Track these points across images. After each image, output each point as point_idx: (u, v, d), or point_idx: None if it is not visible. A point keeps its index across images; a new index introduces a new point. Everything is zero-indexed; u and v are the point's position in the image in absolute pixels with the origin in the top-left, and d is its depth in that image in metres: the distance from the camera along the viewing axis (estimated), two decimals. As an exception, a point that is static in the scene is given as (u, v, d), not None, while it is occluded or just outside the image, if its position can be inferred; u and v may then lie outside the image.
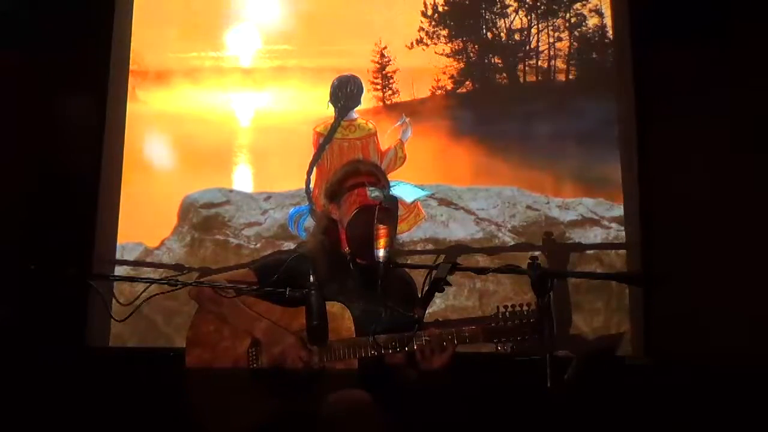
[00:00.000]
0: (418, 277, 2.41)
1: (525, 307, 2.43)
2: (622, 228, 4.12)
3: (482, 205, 4.20)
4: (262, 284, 2.49)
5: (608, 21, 4.34)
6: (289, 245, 4.10)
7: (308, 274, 2.31)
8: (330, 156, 4.19)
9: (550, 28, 4.39)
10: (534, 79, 4.39)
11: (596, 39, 4.37)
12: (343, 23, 4.35)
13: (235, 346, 2.57)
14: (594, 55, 4.40)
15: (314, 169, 4.17)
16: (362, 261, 2.62)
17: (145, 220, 4.19)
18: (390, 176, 3.28)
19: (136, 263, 4.14)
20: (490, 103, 4.37)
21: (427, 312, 2.43)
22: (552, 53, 4.37)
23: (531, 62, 4.39)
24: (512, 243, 4.13)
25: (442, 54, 4.36)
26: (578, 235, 4.14)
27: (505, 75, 4.40)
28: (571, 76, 4.37)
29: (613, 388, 3.35)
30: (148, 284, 2.37)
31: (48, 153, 4.02)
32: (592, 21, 4.37)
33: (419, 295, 2.34)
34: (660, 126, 4.01)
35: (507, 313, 2.45)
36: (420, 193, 4.18)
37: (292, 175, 4.19)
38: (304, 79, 4.30)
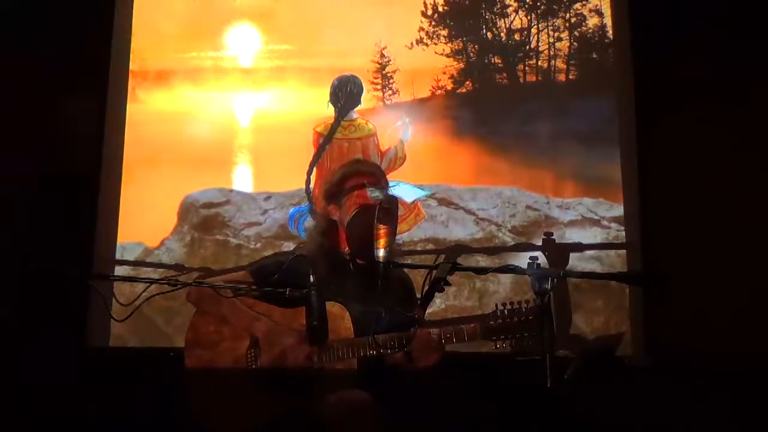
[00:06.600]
0: (418, 277, 2.40)
1: (523, 305, 2.43)
2: (622, 228, 4.12)
3: (482, 205, 4.20)
4: (261, 285, 2.49)
5: (608, 21, 4.34)
6: (289, 245, 4.10)
7: (307, 275, 2.31)
8: (330, 156, 4.19)
9: (550, 28, 4.39)
10: (534, 79, 4.39)
11: (596, 39, 4.37)
12: (343, 23, 4.35)
13: (234, 347, 2.57)
14: (594, 55, 4.40)
15: (314, 169, 4.17)
16: (362, 261, 2.63)
17: (145, 220, 4.19)
18: (390, 176, 3.29)
19: (136, 263, 4.14)
20: (490, 103, 4.37)
21: (427, 312, 2.43)
22: (552, 53, 4.37)
23: (531, 62, 4.39)
24: (512, 243, 4.13)
25: (442, 54, 4.36)
26: (578, 235, 4.13)
27: (505, 75, 4.40)
28: (571, 76, 4.37)
29: (613, 388, 3.35)
30: (148, 284, 2.37)
31: (48, 153, 4.02)
32: (592, 21, 4.37)
33: (419, 295, 2.34)
34: (660, 126, 4.01)
35: (505, 311, 2.45)
36: (420, 193, 4.18)
37: (292, 175, 4.19)
38: (304, 79, 4.30)
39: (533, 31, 4.39)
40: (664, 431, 3.54)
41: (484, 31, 4.42)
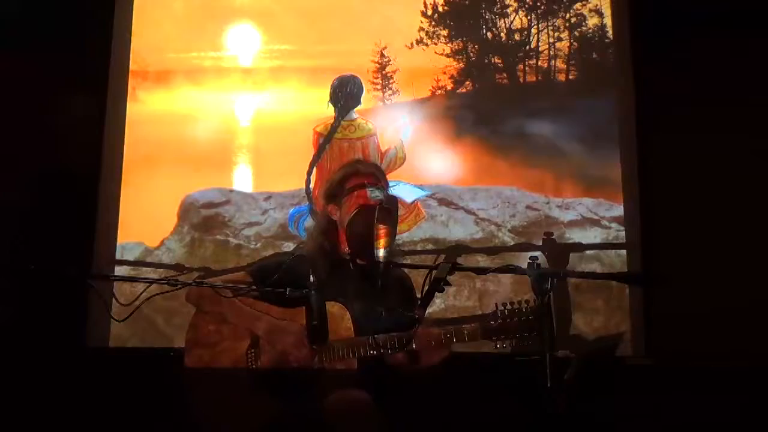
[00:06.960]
0: (418, 277, 2.40)
1: (523, 305, 2.43)
2: (622, 228, 4.12)
3: (482, 205, 4.20)
4: (261, 285, 2.49)
5: (608, 21, 4.34)
6: (289, 245, 4.10)
7: (307, 275, 2.32)
8: (330, 156, 4.19)
9: (550, 28, 4.39)
10: (534, 79, 4.39)
11: (596, 39, 4.37)
12: (343, 23, 4.35)
13: (234, 347, 2.57)
14: (594, 55, 4.40)
15: (314, 169, 4.17)
16: (362, 261, 2.63)
17: (145, 220, 4.19)
18: (390, 176, 3.30)
19: (136, 263, 4.14)
20: (490, 103, 4.37)
21: (427, 312, 2.43)
22: (552, 53, 4.37)
23: (531, 62, 4.39)
24: (512, 243, 4.13)
25: (442, 54, 4.36)
26: (578, 235, 4.13)
27: (505, 75, 4.40)
28: (571, 76, 4.37)
29: (613, 388, 3.35)
30: (148, 284, 2.37)
31: (48, 153, 4.02)
32: (592, 21, 4.37)
33: (419, 295, 2.34)
34: (660, 126, 4.01)
35: (505, 311, 2.45)
36: (420, 193, 4.18)
37: (292, 175, 4.19)
38: (304, 79, 4.30)
39: (533, 31, 4.39)
40: (664, 431, 3.54)
41: (484, 31, 4.42)
